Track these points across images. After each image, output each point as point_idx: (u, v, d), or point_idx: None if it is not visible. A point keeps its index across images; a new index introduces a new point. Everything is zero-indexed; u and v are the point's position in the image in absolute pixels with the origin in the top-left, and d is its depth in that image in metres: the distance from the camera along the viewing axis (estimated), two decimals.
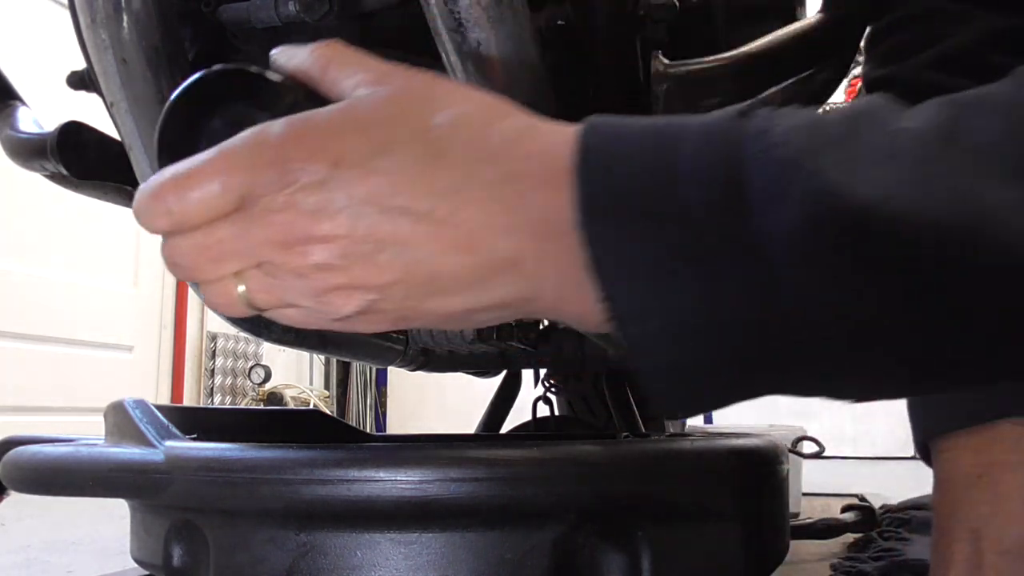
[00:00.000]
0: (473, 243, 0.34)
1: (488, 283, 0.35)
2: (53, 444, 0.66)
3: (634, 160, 0.32)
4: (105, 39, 0.54)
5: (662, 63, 0.67)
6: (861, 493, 1.91)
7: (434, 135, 0.34)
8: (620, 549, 0.58)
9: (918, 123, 0.31)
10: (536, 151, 0.34)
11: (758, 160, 0.30)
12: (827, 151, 0.30)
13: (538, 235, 0.33)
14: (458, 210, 0.34)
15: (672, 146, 0.32)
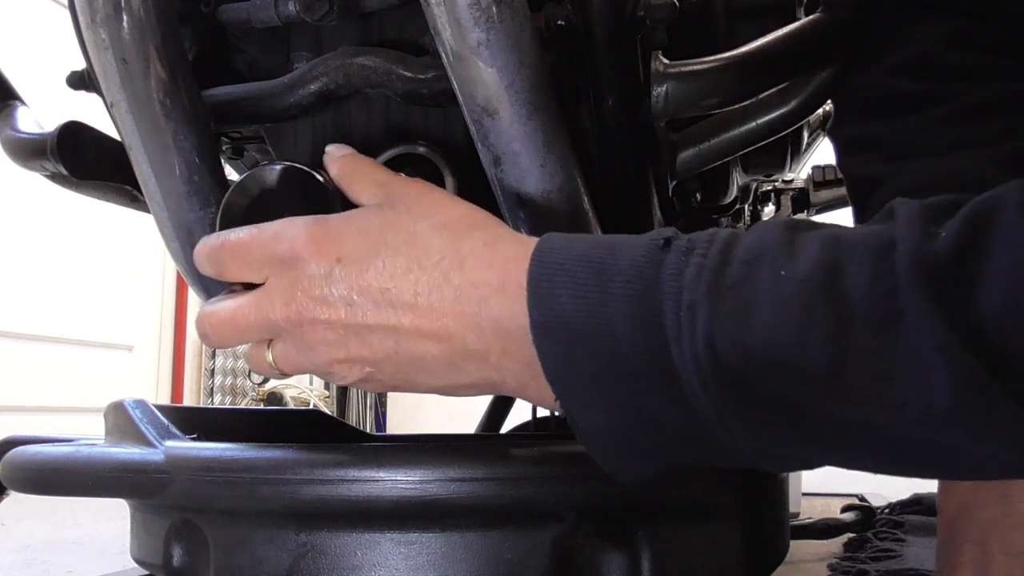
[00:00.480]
0: (447, 335, 0.42)
1: (460, 368, 0.44)
2: (53, 444, 0.66)
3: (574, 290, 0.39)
4: (105, 39, 0.53)
5: (662, 63, 0.67)
6: (861, 493, 1.91)
7: (418, 241, 0.43)
8: (620, 549, 0.58)
9: (803, 268, 0.35)
10: (498, 263, 0.42)
11: (671, 302, 0.37)
12: (725, 296, 0.36)
13: (500, 335, 0.41)
14: (434, 307, 0.42)
15: (605, 282, 0.38)
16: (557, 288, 0.39)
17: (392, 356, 0.44)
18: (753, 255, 0.37)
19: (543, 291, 0.39)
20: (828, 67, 0.71)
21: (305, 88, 0.63)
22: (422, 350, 0.43)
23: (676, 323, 0.36)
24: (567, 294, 0.39)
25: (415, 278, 0.42)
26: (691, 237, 0.39)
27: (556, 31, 0.55)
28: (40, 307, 3.54)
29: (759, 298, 0.35)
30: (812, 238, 0.37)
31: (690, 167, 0.79)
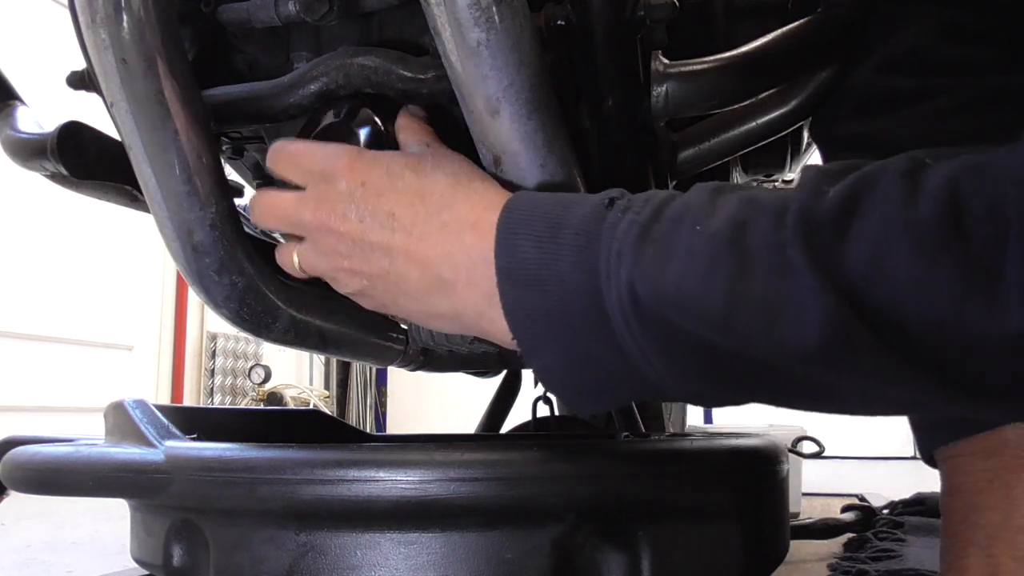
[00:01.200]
0: (427, 262, 0.49)
1: (434, 296, 0.50)
2: (53, 444, 0.66)
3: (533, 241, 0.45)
4: (105, 39, 0.53)
5: (662, 63, 0.67)
6: (861, 493, 1.91)
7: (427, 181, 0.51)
8: (620, 549, 0.58)
9: (716, 223, 0.40)
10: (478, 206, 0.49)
11: (605, 250, 0.43)
12: (648, 247, 0.41)
13: (467, 267, 0.48)
14: (423, 235, 0.49)
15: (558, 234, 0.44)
16: (520, 239, 0.45)
17: (384, 274, 0.51)
18: (678, 213, 0.42)
19: (508, 241, 0.46)
20: (828, 67, 0.71)
21: (305, 88, 0.63)
22: (407, 272, 0.50)
23: (606, 267, 0.42)
24: (527, 244, 0.45)
25: (415, 210, 0.50)
26: (633, 197, 0.45)
27: (556, 31, 0.55)
28: (40, 307, 3.54)
29: (676, 249, 0.41)
30: (732, 199, 0.42)
31: (690, 167, 0.79)
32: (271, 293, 0.65)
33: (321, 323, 0.71)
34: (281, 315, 0.67)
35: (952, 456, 0.61)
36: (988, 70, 0.60)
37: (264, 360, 4.97)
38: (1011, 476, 0.57)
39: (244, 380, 4.95)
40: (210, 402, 4.78)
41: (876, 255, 0.36)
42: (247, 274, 0.63)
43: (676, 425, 1.80)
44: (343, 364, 5.69)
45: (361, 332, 0.78)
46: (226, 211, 0.61)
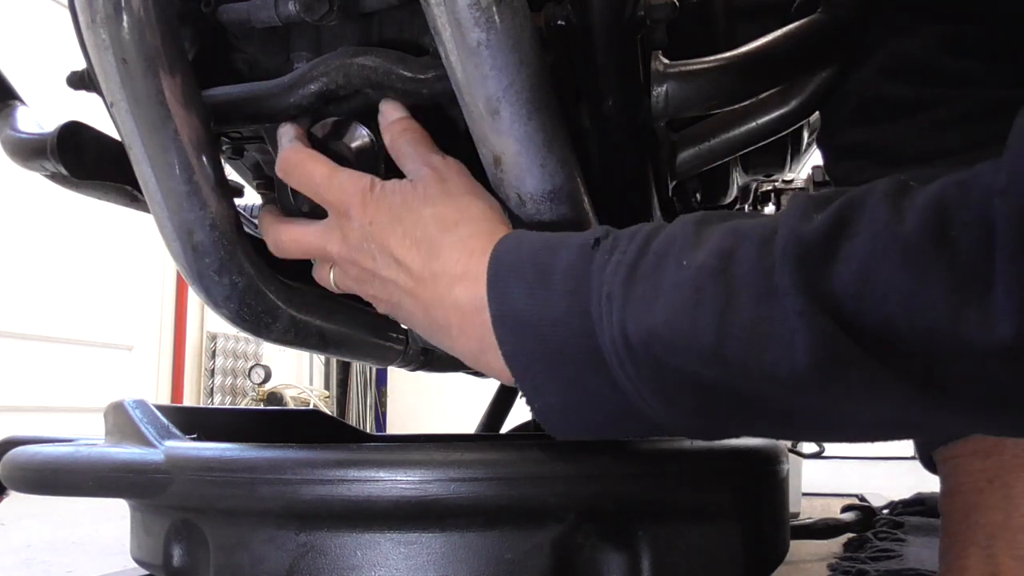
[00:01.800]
0: (425, 307, 0.52)
1: (435, 335, 0.54)
2: (53, 444, 0.66)
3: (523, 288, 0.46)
4: (105, 39, 0.53)
5: (662, 63, 0.67)
6: (861, 493, 1.91)
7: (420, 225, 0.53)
8: (620, 549, 0.58)
9: (703, 255, 0.41)
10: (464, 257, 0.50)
11: (596, 293, 0.43)
12: (636, 286, 0.42)
13: (458, 315, 0.50)
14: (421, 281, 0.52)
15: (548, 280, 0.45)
16: (510, 286, 0.46)
17: (397, 305, 0.55)
18: (664, 248, 0.43)
19: (499, 289, 0.47)
20: (828, 67, 0.71)
21: (305, 88, 0.63)
22: (413, 311, 0.54)
23: (598, 312, 0.43)
24: (518, 291, 0.46)
25: (413, 256, 0.53)
26: (618, 234, 0.46)
27: (556, 31, 0.55)
28: (40, 307, 3.54)
29: (663, 285, 0.41)
30: (716, 230, 0.42)
31: (690, 167, 0.79)
32: (271, 293, 0.65)
33: (321, 323, 0.71)
34: (281, 315, 0.67)
35: (951, 457, 0.61)
36: (987, 83, 0.61)
37: (264, 360, 4.97)
38: (1010, 476, 0.57)
39: (244, 380, 4.95)
40: (210, 402, 4.78)
41: (865, 272, 0.36)
42: (247, 274, 0.63)
43: None
44: (343, 364, 5.69)
45: (361, 332, 0.78)
46: (226, 211, 0.61)
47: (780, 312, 0.38)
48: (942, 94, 0.61)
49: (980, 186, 0.34)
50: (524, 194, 0.54)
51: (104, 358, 3.92)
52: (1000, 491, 0.58)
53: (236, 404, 4.90)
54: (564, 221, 0.56)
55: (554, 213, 0.55)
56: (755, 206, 1.45)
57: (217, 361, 4.86)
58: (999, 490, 0.58)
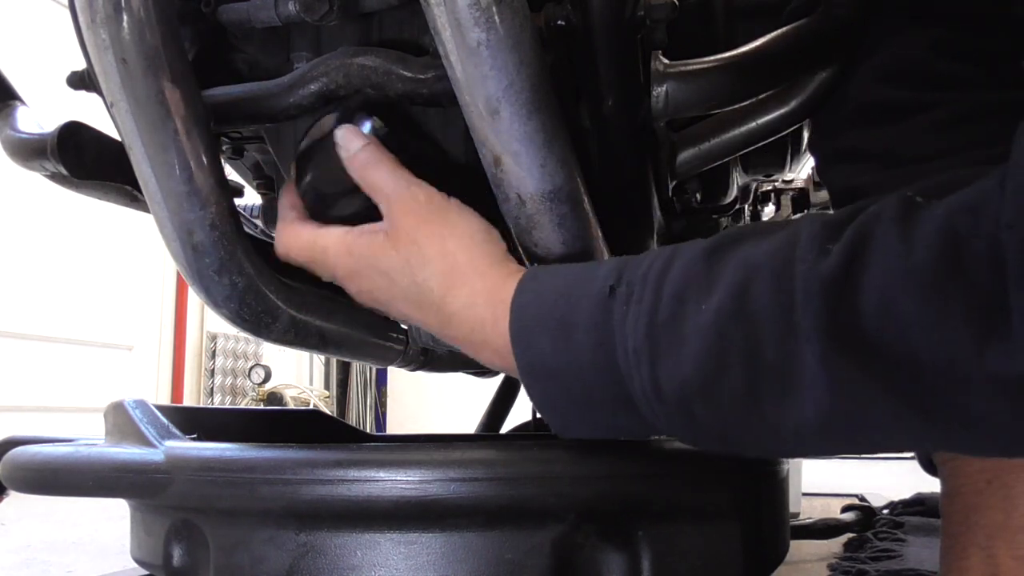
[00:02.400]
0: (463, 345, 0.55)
1: None
2: (53, 444, 0.66)
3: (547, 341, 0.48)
4: (105, 39, 0.53)
5: (662, 63, 0.67)
6: (861, 493, 1.91)
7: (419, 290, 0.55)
8: (620, 549, 0.58)
9: (717, 297, 0.42)
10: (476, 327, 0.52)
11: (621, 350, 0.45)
12: (660, 337, 0.44)
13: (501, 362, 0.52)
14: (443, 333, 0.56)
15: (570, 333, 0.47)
16: (534, 341, 0.49)
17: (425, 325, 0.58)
18: (679, 290, 0.44)
19: (524, 345, 0.49)
20: (828, 67, 0.71)
21: (305, 88, 0.63)
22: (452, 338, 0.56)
23: (627, 366, 0.45)
24: (543, 344, 0.48)
25: (425, 315, 0.56)
26: (630, 278, 0.47)
27: (556, 31, 0.55)
28: (40, 307, 3.54)
29: (685, 332, 0.43)
30: (727, 264, 0.43)
31: (690, 167, 0.79)
32: (271, 293, 0.65)
33: (321, 323, 0.71)
34: (281, 315, 0.67)
35: (951, 459, 0.62)
36: (981, 85, 0.62)
37: (264, 360, 4.96)
38: (1009, 476, 0.58)
39: (244, 380, 4.95)
40: (210, 402, 4.78)
41: (886, 304, 0.36)
42: (247, 274, 0.63)
43: None
44: (343, 364, 5.69)
45: (361, 332, 0.78)
46: (226, 211, 0.61)
47: (801, 354, 0.39)
48: (938, 97, 0.61)
49: (988, 216, 0.35)
50: (524, 194, 0.54)
51: (104, 358, 3.92)
52: (999, 492, 0.58)
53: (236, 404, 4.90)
54: (564, 221, 0.56)
55: (554, 213, 0.55)
56: (755, 206, 1.45)
57: (217, 361, 4.85)
58: (998, 491, 0.58)
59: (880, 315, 0.36)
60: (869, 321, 0.37)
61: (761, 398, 0.41)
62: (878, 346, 0.36)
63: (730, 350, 0.41)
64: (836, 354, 0.38)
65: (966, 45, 0.62)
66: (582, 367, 0.47)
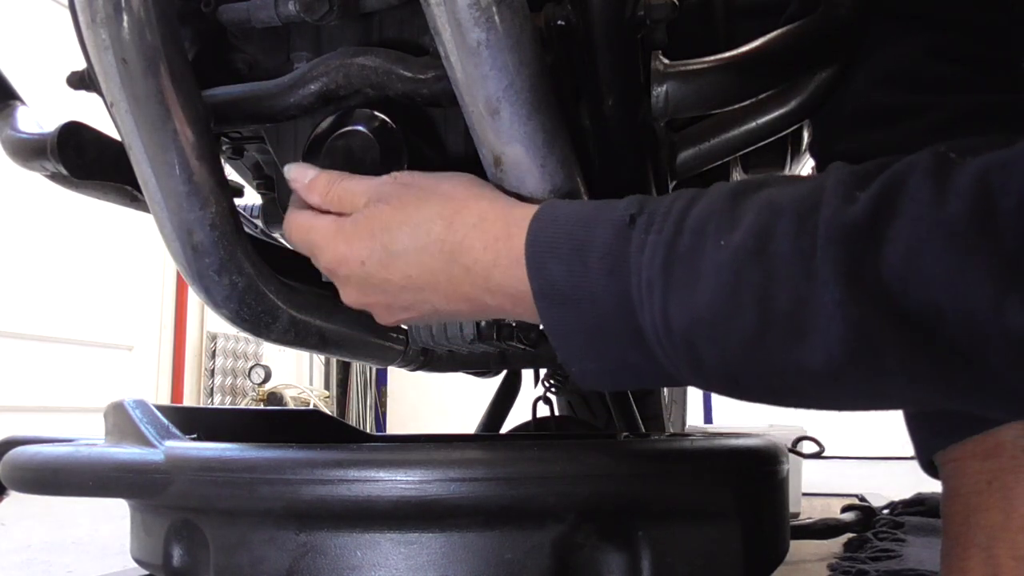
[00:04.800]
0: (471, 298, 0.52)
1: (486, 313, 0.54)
2: (53, 444, 0.66)
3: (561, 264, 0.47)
4: (105, 39, 0.53)
5: (662, 63, 0.67)
6: (861, 493, 1.91)
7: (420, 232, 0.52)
8: (620, 549, 0.58)
9: (739, 235, 0.41)
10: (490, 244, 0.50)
11: (635, 278, 0.44)
12: (675, 268, 0.43)
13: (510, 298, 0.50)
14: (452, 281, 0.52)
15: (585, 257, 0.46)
16: (548, 263, 0.47)
17: (432, 313, 0.55)
18: (701, 224, 0.43)
19: (538, 265, 0.47)
20: (828, 67, 0.71)
21: (305, 88, 0.63)
22: (455, 309, 0.54)
23: (639, 295, 0.44)
24: (557, 267, 0.47)
25: (429, 265, 0.52)
26: (652, 209, 0.45)
27: (556, 31, 0.55)
28: (40, 307, 3.54)
29: (702, 267, 0.42)
30: (751, 204, 0.42)
31: (690, 167, 0.79)
32: (271, 293, 0.65)
33: (321, 323, 0.71)
34: (281, 315, 0.67)
35: (950, 460, 0.62)
36: (976, 88, 0.62)
37: (264, 360, 4.96)
38: (1009, 477, 0.58)
39: (244, 380, 4.95)
40: (210, 402, 4.78)
41: (911, 254, 0.36)
42: (247, 274, 0.63)
43: (676, 425, 1.80)
44: (343, 364, 5.69)
45: (361, 332, 0.78)
46: (226, 211, 0.61)
47: (818, 299, 0.38)
48: (933, 100, 0.62)
49: (1020, 173, 0.34)
50: (524, 194, 0.54)
51: (104, 358, 3.92)
52: (999, 492, 0.58)
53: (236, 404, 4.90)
54: None
55: None
56: None
57: (217, 361, 4.85)
58: (998, 491, 0.58)
59: (904, 264, 0.36)
60: (892, 270, 0.36)
61: (772, 340, 0.40)
62: (899, 296, 0.36)
63: (745, 289, 0.40)
64: (854, 300, 0.37)
65: (961, 49, 0.62)
66: (595, 294, 0.45)
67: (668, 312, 0.43)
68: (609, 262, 0.45)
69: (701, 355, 0.43)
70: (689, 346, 0.43)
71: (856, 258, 0.37)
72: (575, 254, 0.46)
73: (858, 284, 0.37)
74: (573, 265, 0.46)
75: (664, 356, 0.44)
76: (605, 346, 0.47)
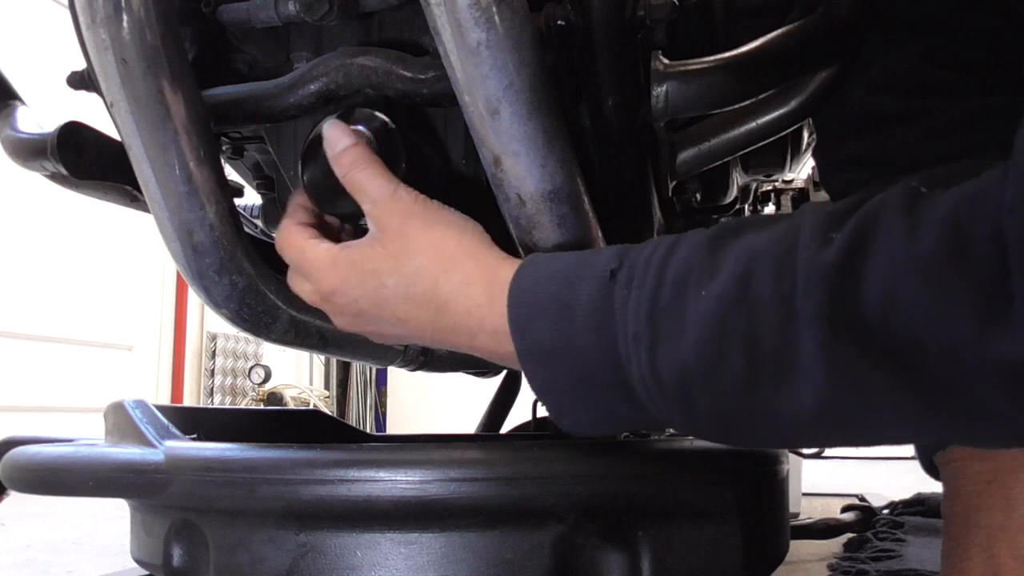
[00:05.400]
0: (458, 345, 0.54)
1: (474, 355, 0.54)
2: (53, 444, 0.66)
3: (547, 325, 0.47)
4: (105, 39, 0.53)
5: (662, 63, 0.67)
6: (861, 493, 1.91)
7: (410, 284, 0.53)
8: (620, 549, 0.58)
9: (719, 284, 0.42)
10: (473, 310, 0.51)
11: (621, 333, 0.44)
12: (661, 322, 0.43)
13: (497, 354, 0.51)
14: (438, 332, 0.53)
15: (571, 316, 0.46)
16: (533, 324, 0.48)
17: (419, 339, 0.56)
18: (681, 276, 0.44)
19: (522, 327, 0.48)
20: (828, 67, 0.71)
21: (305, 88, 0.63)
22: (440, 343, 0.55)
23: (626, 350, 0.44)
24: (543, 328, 0.47)
25: (417, 315, 0.53)
26: (632, 262, 0.46)
27: (556, 31, 0.55)
28: (40, 307, 3.54)
29: (686, 318, 0.42)
30: (730, 251, 0.43)
31: (690, 167, 0.79)
32: (271, 293, 0.65)
33: (321, 323, 0.71)
34: (281, 315, 0.67)
35: (951, 461, 0.62)
36: (971, 92, 0.62)
37: (264, 360, 4.96)
38: (1009, 477, 0.58)
39: (244, 380, 4.95)
40: (210, 402, 4.78)
41: (890, 291, 0.36)
42: (247, 274, 0.63)
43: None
44: (343, 364, 5.69)
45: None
46: (226, 211, 0.61)
47: (800, 341, 0.39)
48: (931, 104, 0.62)
49: (991, 202, 0.34)
50: (524, 194, 0.54)
51: (104, 358, 3.92)
52: (999, 492, 0.58)
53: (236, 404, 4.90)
54: (564, 221, 0.56)
55: (554, 213, 0.55)
56: (755, 206, 1.45)
57: (217, 361, 4.85)
58: (998, 491, 0.58)
59: (883, 302, 0.36)
60: (871, 308, 0.36)
61: (760, 385, 0.41)
62: (880, 333, 0.36)
63: (731, 337, 0.41)
64: (836, 341, 0.37)
65: (958, 55, 0.63)
66: (582, 350, 0.46)
67: (656, 365, 0.43)
68: (595, 319, 0.46)
69: (693, 404, 0.43)
70: (681, 396, 0.44)
71: (835, 299, 0.38)
72: (560, 313, 0.47)
73: (839, 325, 0.37)
74: (560, 324, 0.47)
75: (654, 407, 0.45)
76: (595, 401, 0.47)
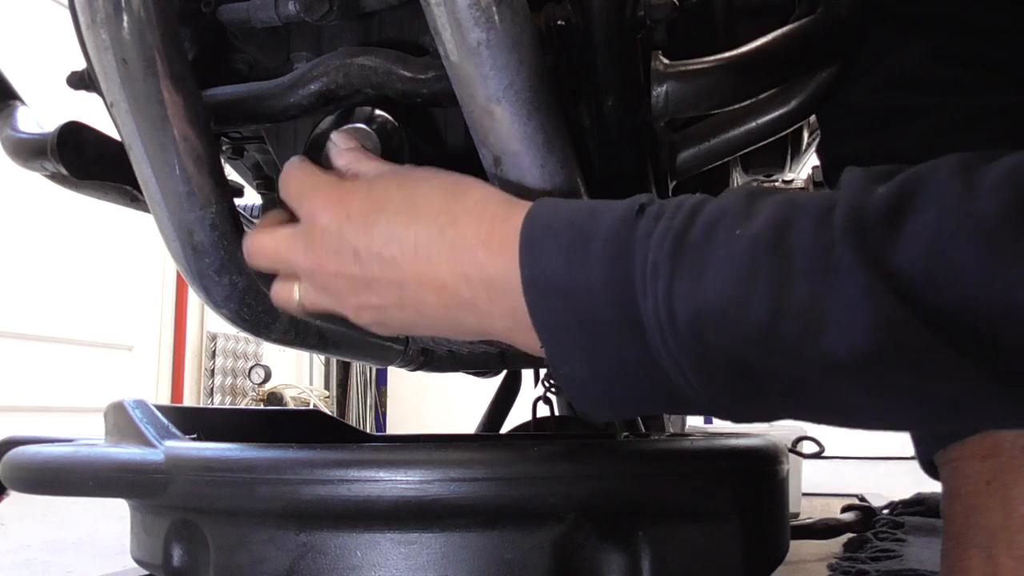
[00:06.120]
0: (443, 284, 0.47)
1: (457, 315, 0.48)
2: (53, 444, 0.66)
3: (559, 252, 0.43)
4: (105, 39, 0.53)
5: (662, 63, 0.67)
6: (861, 493, 1.91)
7: (419, 197, 0.48)
8: (620, 549, 0.58)
9: (757, 226, 0.39)
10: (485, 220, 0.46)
11: (640, 261, 0.41)
12: (685, 255, 0.40)
13: (486, 284, 0.46)
14: (431, 257, 0.47)
15: (586, 244, 0.42)
16: (545, 249, 0.43)
17: (397, 303, 0.49)
18: (714, 217, 0.40)
19: (533, 252, 0.44)
20: (828, 67, 0.71)
21: (305, 88, 0.63)
22: (423, 297, 0.48)
23: (643, 280, 0.40)
24: (554, 255, 0.43)
25: (415, 232, 0.47)
26: (663, 203, 0.43)
27: (556, 31, 0.55)
28: (40, 307, 3.54)
29: (714, 255, 0.39)
30: (769, 202, 0.40)
31: (690, 167, 0.79)
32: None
33: (321, 323, 0.71)
34: (281, 315, 0.67)
35: (950, 461, 0.62)
36: (978, 90, 0.62)
37: (264, 360, 4.96)
38: (1008, 477, 0.58)
39: (244, 380, 4.95)
40: (210, 402, 4.78)
41: (937, 250, 0.34)
42: (247, 274, 0.63)
43: (676, 425, 1.80)
44: (343, 364, 5.69)
45: (361, 332, 0.79)
46: (226, 211, 0.61)
47: (841, 290, 0.36)
48: (937, 102, 0.62)
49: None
50: (524, 194, 0.54)
51: (104, 358, 3.92)
52: (999, 492, 0.58)
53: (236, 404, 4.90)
54: None
55: None
56: None
57: (217, 361, 4.85)
58: (998, 491, 0.58)
59: (929, 259, 0.34)
60: (916, 264, 0.34)
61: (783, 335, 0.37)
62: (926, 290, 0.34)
63: (759, 280, 0.38)
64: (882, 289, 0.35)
65: (966, 52, 0.62)
66: (592, 283, 0.42)
67: (673, 300, 0.39)
68: (613, 248, 0.42)
69: (706, 348, 0.39)
70: (694, 338, 0.39)
71: (874, 247, 0.35)
72: (576, 241, 0.43)
73: (882, 271, 0.35)
74: (572, 253, 0.42)
75: (664, 349, 0.40)
76: (598, 341, 0.42)
